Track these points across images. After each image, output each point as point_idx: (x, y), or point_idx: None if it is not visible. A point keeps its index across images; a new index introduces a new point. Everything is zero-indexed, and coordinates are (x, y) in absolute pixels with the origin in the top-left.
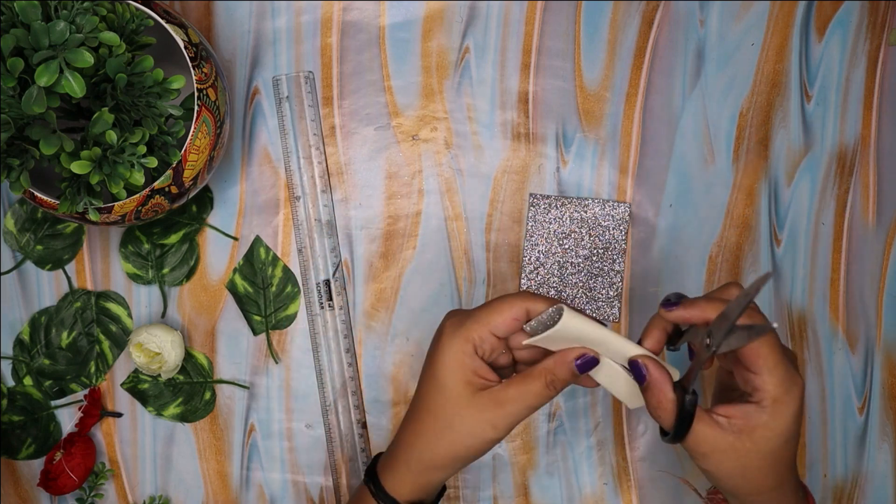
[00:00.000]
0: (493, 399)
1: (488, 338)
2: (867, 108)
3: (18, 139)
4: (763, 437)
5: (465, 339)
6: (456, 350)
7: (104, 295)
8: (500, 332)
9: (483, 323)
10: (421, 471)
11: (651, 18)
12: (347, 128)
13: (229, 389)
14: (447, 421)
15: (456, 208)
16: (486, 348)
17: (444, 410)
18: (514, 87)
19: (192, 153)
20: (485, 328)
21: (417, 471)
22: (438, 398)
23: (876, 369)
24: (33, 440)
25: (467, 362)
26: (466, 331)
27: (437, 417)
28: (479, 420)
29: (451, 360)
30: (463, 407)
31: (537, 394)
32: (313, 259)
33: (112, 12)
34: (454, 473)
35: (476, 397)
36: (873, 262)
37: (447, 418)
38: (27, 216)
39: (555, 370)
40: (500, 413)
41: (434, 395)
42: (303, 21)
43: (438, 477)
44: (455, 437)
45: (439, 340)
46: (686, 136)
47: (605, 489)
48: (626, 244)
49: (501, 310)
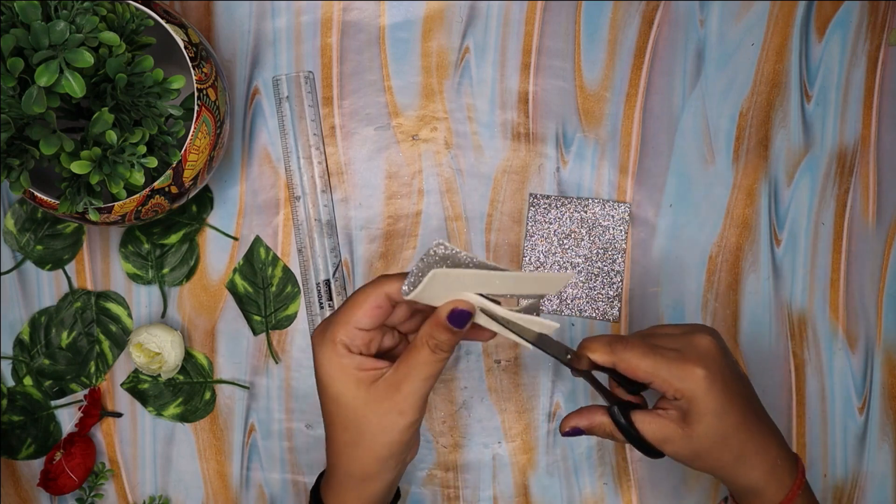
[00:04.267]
0: (387, 386)
1: (357, 334)
2: (867, 108)
3: (18, 139)
4: (695, 422)
5: (332, 343)
6: (329, 356)
7: (104, 295)
8: (366, 324)
9: (344, 322)
10: (357, 484)
11: (651, 18)
12: (347, 128)
13: (229, 389)
14: (356, 428)
15: (456, 208)
16: (359, 344)
17: (348, 419)
18: (514, 87)
19: (192, 153)
20: (348, 327)
21: (355, 485)
22: (338, 409)
23: (876, 369)
24: (33, 440)
25: (346, 363)
26: (331, 335)
27: (346, 428)
28: (383, 412)
29: (329, 368)
30: (363, 408)
31: (427, 362)
32: (313, 259)
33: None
34: (395, 475)
35: (371, 392)
36: (873, 262)
37: (354, 425)
38: (27, 216)
39: (432, 333)
40: (399, 397)
41: (332, 407)
42: (303, 21)
43: (379, 485)
44: (370, 440)
45: (314, 354)
46: (686, 137)
47: (605, 489)
48: (626, 244)
49: (360, 303)
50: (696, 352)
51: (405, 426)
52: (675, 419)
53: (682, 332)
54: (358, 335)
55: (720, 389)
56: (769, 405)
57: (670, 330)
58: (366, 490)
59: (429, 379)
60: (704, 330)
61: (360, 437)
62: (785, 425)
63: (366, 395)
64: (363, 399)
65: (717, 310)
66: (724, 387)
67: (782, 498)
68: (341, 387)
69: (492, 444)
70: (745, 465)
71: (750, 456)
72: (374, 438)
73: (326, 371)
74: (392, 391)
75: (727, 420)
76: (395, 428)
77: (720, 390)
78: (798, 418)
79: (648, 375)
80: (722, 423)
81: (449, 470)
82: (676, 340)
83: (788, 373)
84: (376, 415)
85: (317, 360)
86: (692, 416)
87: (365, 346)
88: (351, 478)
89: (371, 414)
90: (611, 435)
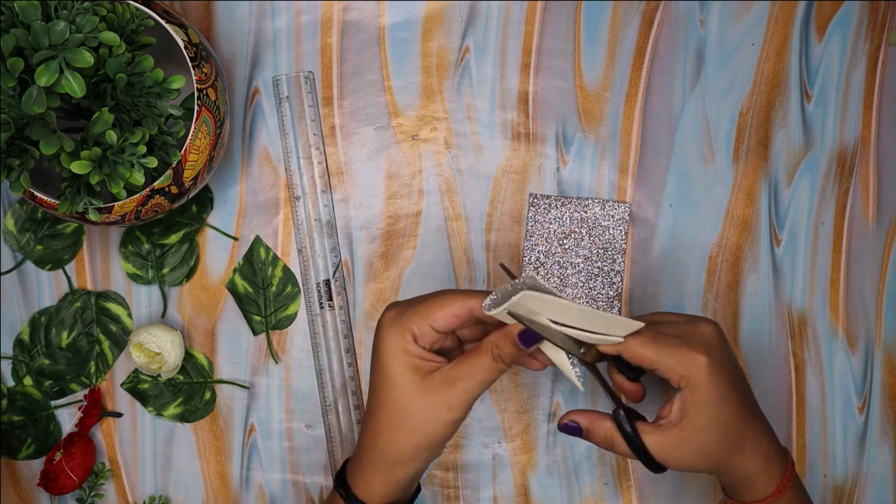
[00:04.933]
0: (443, 379)
1: (428, 331)
2: (867, 108)
3: (18, 139)
4: (697, 414)
5: (403, 328)
6: (396, 339)
7: (104, 295)
8: (440, 326)
9: (423, 316)
10: (388, 468)
11: (651, 18)
12: (347, 128)
13: (229, 389)
14: (403, 411)
15: (456, 208)
16: (427, 340)
17: (398, 401)
18: (514, 87)
19: (192, 153)
20: (424, 321)
21: (384, 468)
22: (390, 390)
23: (876, 369)
24: (33, 440)
25: (409, 349)
26: (406, 321)
27: (393, 410)
28: (434, 403)
29: (393, 349)
30: (415, 394)
31: (486, 367)
32: (313, 259)
33: (112, 12)
34: (423, 467)
35: (426, 381)
36: (873, 262)
37: (402, 408)
38: (27, 216)
39: (499, 343)
40: (452, 392)
41: (385, 388)
42: (303, 21)
43: (407, 473)
44: (414, 425)
45: (379, 333)
46: (686, 137)
47: (605, 489)
48: (626, 244)
49: (443, 305)
50: (700, 340)
51: (450, 421)
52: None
53: (686, 321)
54: (429, 332)
55: (721, 378)
56: (769, 405)
57: (673, 318)
58: (394, 474)
59: (483, 384)
60: (707, 320)
61: (404, 421)
62: (785, 425)
63: (421, 383)
64: (417, 386)
65: (717, 310)
66: (724, 376)
67: (774, 489)
68: (400, 368)
69: (492, 444)
70: (743, 456)
71: (746, 446)
72: (418, 424)
73: (390, 352)
74: (446, 386)
75: (727, 409)
76: (442, 420)
77: (721, 378)
78: (798, 418)
79: (653, 363)
80: (723, 413)
81: (449, 470)
82: (680, 328)
83: (788, 373)
84: (426, 403)
85: (381, 340)
86: (695, 408)
87: (430, 345)
88: (386, 460)
89: (422, 401)
90: (610, 443)
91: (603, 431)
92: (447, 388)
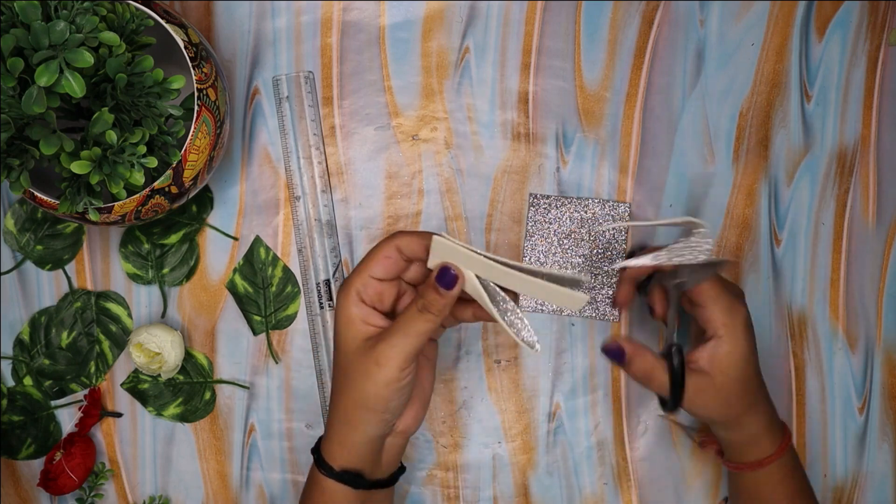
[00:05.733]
0: (377, 338)
1: (370, 283)
2: (867, 108)
3: (18, 139)
4: (727, 364)
5: (347, 290)
6: (344, 304)
7: (104, 295)
8: (377, 273)
9: (360, 271)
10: (340, 429)
11: (651, 18)
12: (347, 128)
13: (229, 389)
14: (346, 372)
15: (456, 208)
16: (371, 293)
17: (342, 364)
18: (514, 87)
19: (192, 153)
20: (363, 275)
21: (338, 430)
22: (339, 355)
23: (876, 369)
24: (33, 440)
25: (355, 312)
26: (349, 282)
27: (339, 372)
28: (365, 361)
29: (341, 314)
30: (354, 355)
31: (413, 320)
32: (313, 259)
33: (112, 12)
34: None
35: (365, 342)
36: (873, 262)
37: (346, 370)
38: (27, 216)
39: (423, 293)
40: (380, 347)
41: (336, 353)
42: (303, 21)
43: (357, 436)
44: (352, 386)
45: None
46: (686, 136)
47: (605, 489)
48: (626, 244)
49: (373, 253)
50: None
51: (382, 380)
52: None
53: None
54: (371, 284)
55: (752, 336)
56: None
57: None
58: (347, 437)
59: (410, 336)
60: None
61: (345, 382)
62: None
63: (360, 345)
64: (356, 347)
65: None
66: (753, 335)
67: (775, 449)
68: (345, 333)
69: (492, 444)
70: (756, 413)
71: (759, 405)
72: (354, 385)
73: (338, 317)
74: (377, 342)
75: (752, 365)
76: (373, 379)
77: (752, 336)
78: (798, 418)
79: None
80: (748, 368)
81: (449, 470)
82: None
83: (788, 373)
84: (361, 363)
85: (336, 309)
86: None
87: (378, 298)
88: (337, 421)
89: (356, 361)
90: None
91: (645, 363)
92: (377, 345)
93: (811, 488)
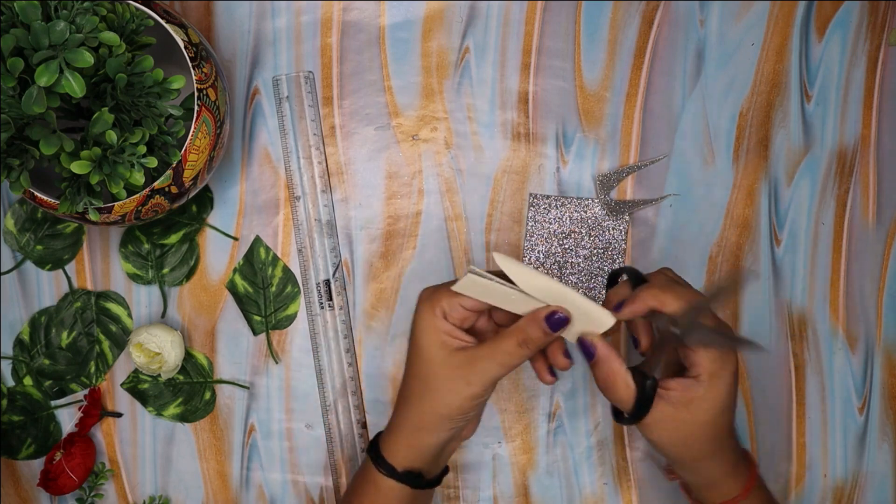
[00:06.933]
0: (467, 357)
1: (456, 308)
2: (867, 108)
3: (18, 139)
4: (700, 409)
5: (434, 304)
6: (428, 315)
7: (104, 295)
8: (468, 305)
9: (452, 295)
10: (411, 433)
11: (651, 18)
12: (347, 128)
13: (229, 389)
14: (428, 382)
15: (456, 208)
16: (456, 316)
17: (425, 373)
18: (514, 87)
19: (192, 153)
20: (453, 301)
21: (408, 433)
22: (419, 363)
23: (876, 369)
24: (33, 440)
25: (439, 325)
26: (437, 299)
27: (420, 380)
28: (454, 377)
29: (425, 325)
30: (440, 367)
31: (509, 352)
32: (313, 259)
33: (112, 12)
34: (446, 438)
35: (451, 357)
36: (873, 262)
37: (428, 379)
38: (27, 216)
39: (527, 328)
40: (472, 369)
41: (416, 360)
42: (303, 21)
43: (430, 440)
44: (435, 396)
45: (416, 311)
46: (686, 137)
47: (605, 489)
48: (626, 244)
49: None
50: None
51: (468, 395)
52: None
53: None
54: (458, 309)
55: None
56: (769, 405)
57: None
58: (417, 439)
59: (503, 366)
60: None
61: (428, 391)
62: (785, 425)
63: (445, 357)
64: (442, 359)
65: (718, 310)
66: (735, 390)
67: (740, 489)
68: (428, 342)
69: (492, 444)
70: (713, 462)
71: (721, 452)
72: (439, 395)
73: (421, 326)
74: (468, 362)
75: (725, 419)
76: (459, 393)
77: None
78: (798, 418)
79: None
80: (721, 420)
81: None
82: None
83: (788, 373)
84: (447, 376)
85: (416, 316)
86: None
87: (460, 320)
88: (410, 426)
89: (443, 374)
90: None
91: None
92: (468, 365)
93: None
